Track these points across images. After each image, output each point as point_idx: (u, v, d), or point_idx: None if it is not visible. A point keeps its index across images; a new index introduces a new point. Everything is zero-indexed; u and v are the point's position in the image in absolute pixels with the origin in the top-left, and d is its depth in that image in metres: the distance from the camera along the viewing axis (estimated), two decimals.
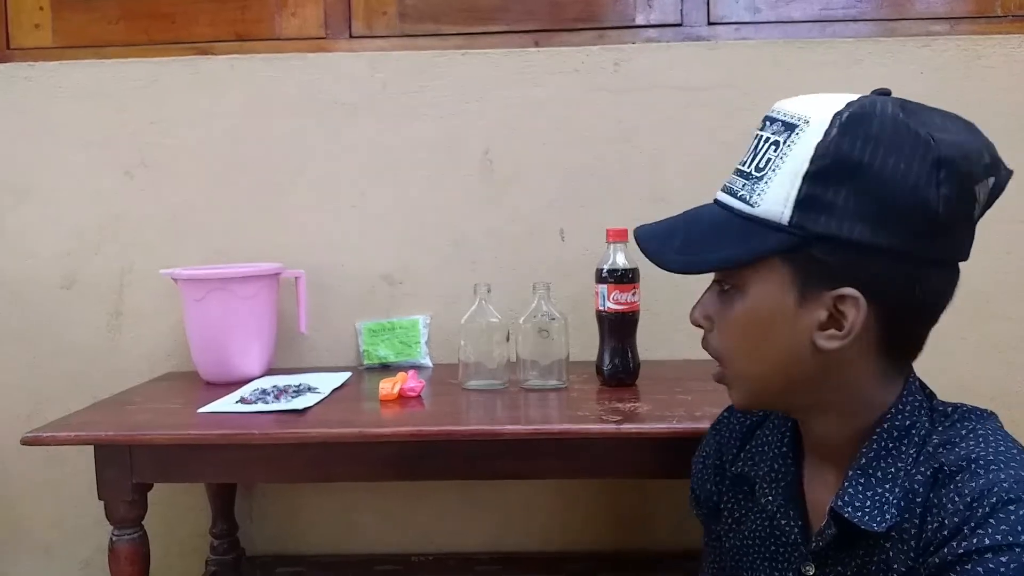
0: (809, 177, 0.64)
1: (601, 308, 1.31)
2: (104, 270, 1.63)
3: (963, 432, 0.65)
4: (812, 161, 0.64)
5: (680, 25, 1.56)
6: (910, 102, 0.67)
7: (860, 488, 0.67)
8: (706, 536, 0.90)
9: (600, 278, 1.30)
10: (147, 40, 1.61)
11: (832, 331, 0.66)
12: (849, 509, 0.66)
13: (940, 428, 0.67)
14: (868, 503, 0.66)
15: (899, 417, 0.68)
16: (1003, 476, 0.59)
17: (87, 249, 1.63)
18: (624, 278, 1.29)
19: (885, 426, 0.68)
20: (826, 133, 0.64)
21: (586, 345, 1.45)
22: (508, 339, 1.33)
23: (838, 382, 0.68)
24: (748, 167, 0.69)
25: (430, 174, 1.59)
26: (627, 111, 1.55)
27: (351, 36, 1.60)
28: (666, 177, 1.55)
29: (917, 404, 0.69)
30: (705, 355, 1.67)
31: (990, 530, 0.57)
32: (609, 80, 1.55)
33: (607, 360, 1.32)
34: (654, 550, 1.62)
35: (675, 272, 0.70)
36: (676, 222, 0.74)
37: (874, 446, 0.68)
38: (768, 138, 0.68)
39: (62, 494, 1.67)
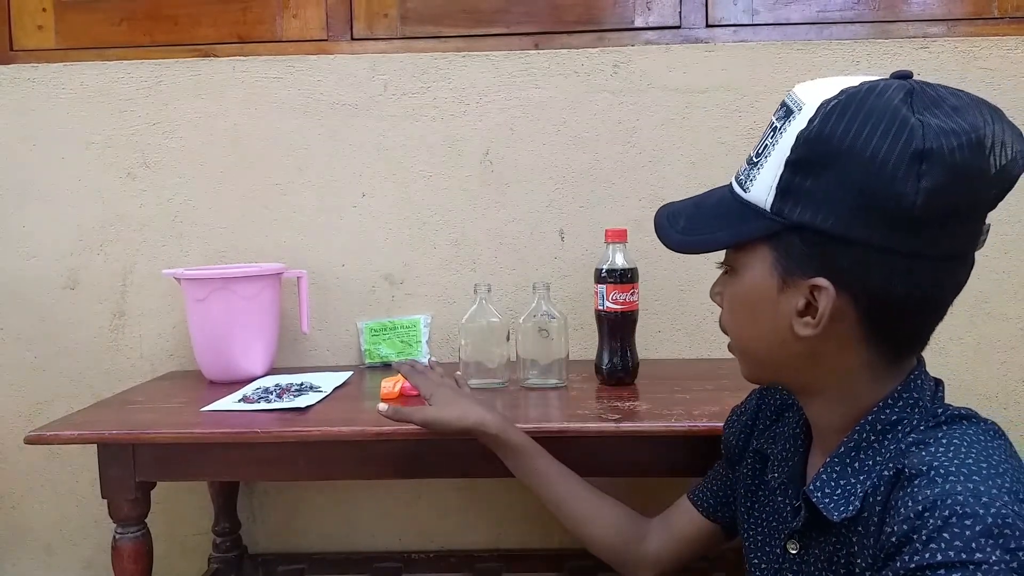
0: (789, 164, 0.64)
1: (600, 308, 1.31)
2: (107, 270, 1.64)
3: (938, 435, 0.63)
4: (793, 149, 0.63)
5: (679, 27, 1.56)
6: (927, 86, 0.63)
7: (835, 475, 0.68)
8: (719, 464, 0.94)
9: (599, 278, 1.31)
10: (149, 42, 1.62)
11: (808, 319, 0.66)
12: (818, 494, 0.68)
13: (922, 428, 0.65)
14: (838, 491, 0.67)
15: (885, 411, 0.67)
16: (959, 488, 0.56)
17: (90, 249, 1.64)
18: (623, 278, 1.30)
19: (869, 418, 0.67)
20: (809, 121, 0.62)
21: (586, 345, 1.46)
22: (508, 339, 1.33)
23: (826, 368, 0.69)
24: (753, 152, 0.69)
25: (431, 175, 1.60)
26: (626, 112, 1.56)
27: (352, 38, 1.60)
28: (665, 178, 1.56)
29: (912, 401, 0.67)
30: (702, 355, 1.69)
31: (943, 545, 0.54)
32: (608, 82, 1.56)
33: (606, 359, 1.32)
34: None
35: (673, 250, 0.73)
36: (688, 203, 0.76)
37: (855, 436, 0.68)
38: (772, 123, 0.67)
39: (64, 493, 1.68)
